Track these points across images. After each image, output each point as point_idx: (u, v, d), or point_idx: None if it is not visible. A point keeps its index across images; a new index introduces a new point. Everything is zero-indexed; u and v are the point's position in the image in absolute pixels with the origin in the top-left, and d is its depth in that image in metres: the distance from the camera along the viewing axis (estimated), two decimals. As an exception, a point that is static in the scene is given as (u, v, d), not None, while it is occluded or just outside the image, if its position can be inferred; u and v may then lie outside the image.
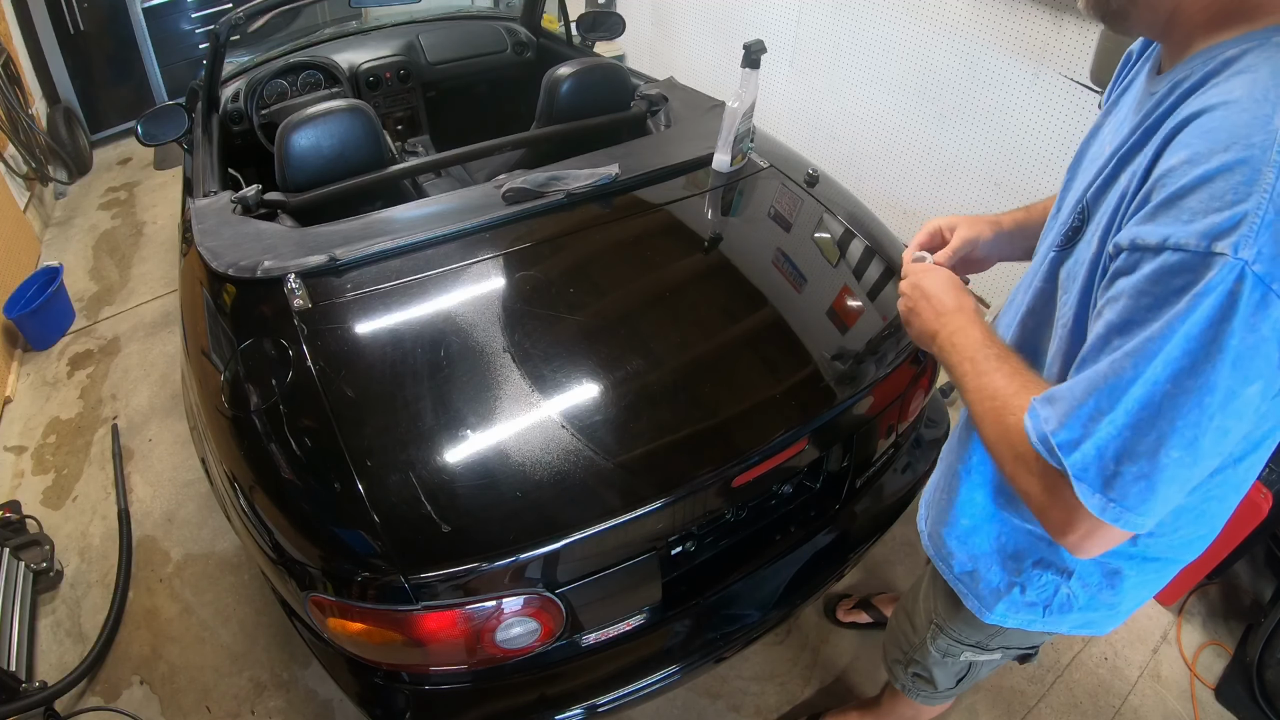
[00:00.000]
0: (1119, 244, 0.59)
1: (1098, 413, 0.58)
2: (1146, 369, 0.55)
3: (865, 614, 1.89)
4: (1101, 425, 0.58)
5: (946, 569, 1.03)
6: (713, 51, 3.61)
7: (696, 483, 1.13)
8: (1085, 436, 0.59)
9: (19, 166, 3.44)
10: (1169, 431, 0.56)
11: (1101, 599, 0.90)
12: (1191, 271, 0.53)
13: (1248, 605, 1.96)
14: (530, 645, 1.14)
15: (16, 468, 2.33)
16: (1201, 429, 0.55)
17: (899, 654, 1.28)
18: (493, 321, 1.31)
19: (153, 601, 1.94)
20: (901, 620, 1.27)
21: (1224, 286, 0.52)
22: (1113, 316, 0.59)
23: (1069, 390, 0.61)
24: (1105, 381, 0.58)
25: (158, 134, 2.00)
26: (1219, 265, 0.52)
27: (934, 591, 1.14)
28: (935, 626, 1.14)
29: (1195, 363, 0.54)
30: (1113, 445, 0.58)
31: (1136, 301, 0.56)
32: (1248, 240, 0.51)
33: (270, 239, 1.47)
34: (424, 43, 2.78)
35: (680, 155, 1.72)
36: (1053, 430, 0.61)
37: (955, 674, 1.21)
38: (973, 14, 2.38)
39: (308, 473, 1.13)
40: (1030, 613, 0.95)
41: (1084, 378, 0.60)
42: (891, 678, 1.33)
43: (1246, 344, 0.53)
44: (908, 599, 1.27)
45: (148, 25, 4.07)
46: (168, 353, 2.76)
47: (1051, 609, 0.93)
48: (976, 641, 1.10)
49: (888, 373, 1.38)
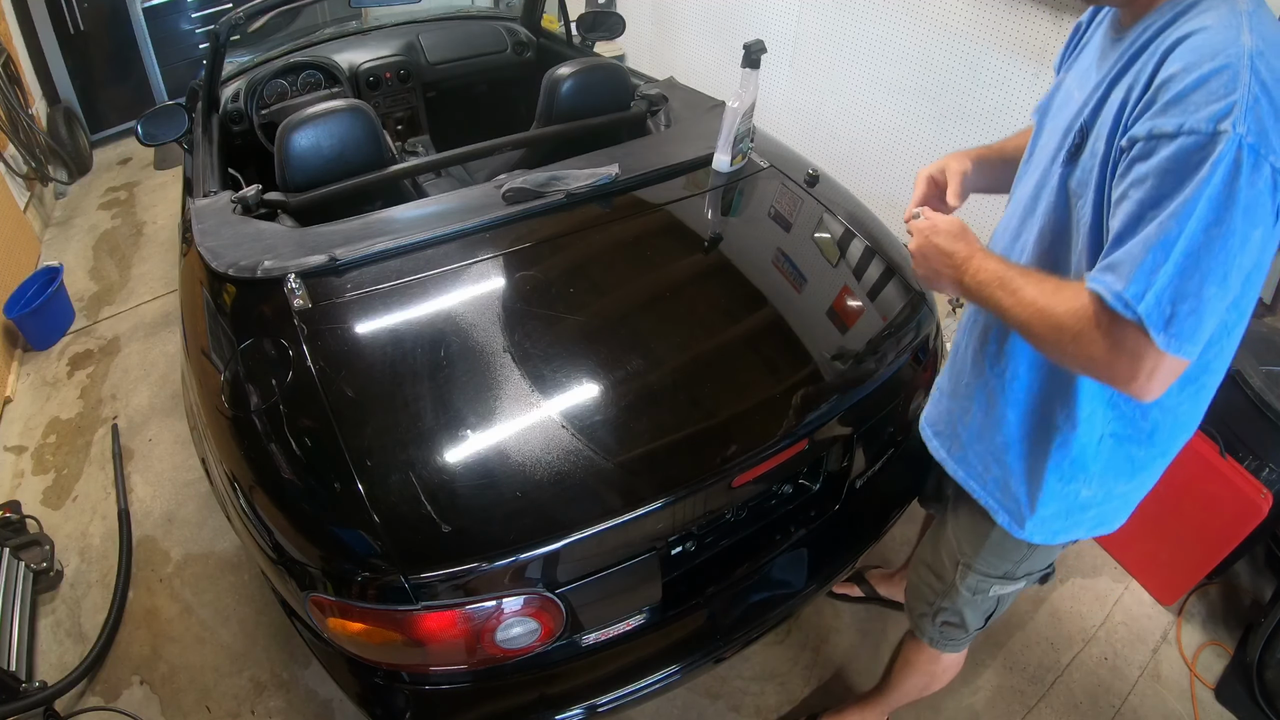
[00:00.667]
0: (1134, 136, 0.75)
1: (1155, 266, 0.72)
2: (1187, 225, 0.70)
3: (857, 588, 1.91)
4: (1159, 275, 0.72)
5: (979, 487, 1.11)
6: (713, 51, 3.61)
7: (696, 483, 1.13)
8: (1149, 286, 0.72)
9: (19, 166, 3.44)
10: (1207, 272, 0.71)
11: (1116, 490, 1.03)
12: (1204, 148, 0.69)
13: (1248, 605, 1.96)
14: (530, 645, 1.14)
15: (16, 468, 2.34)
16: (1228, 266, 0.72)
17: (925, 607, 1.31)
18: (493, 321, 1.31)
19: (153, 601, 1.94)
20: (924, 574, 1.31)
21: (1230, 155, 0.69)
22: (1142, 195, 0.73)
23: (1126, 255, 0.74)
24: (1156, 241, 0.72)
25: (158, 134, 2.00)
26: (1224, 140, 0.69)
27: (955, 534, 1.21)
28: (963, 566, 1.20)
29: (1219, 215, 0.70)
30: (1169, 290, 0.72)
31: (1163, 179, 0.72)
32: (1240, 120, 0.68)
33: (270, 239, 1.47)
34: (424, 43, 2.78)
35: (680, 155, 1.72)
36: (1124, 288, 0.73)
37: (984, 612, 1.26)
38: (973, 14, 2.38)
39: (308, 473, 1.13)
40: (1055, 522, 1.06)
41: (1137, 242, 0.73)
42: (919, 634, 1.35)
43: (1250, 196, 0.70)
44: (924, 554, 1.32)
45: (148, 25, 4.07)
46: (168, 353, 2.76)
47: (1074, 511, 1.05)
48: (1004, 572, 1.17)
49: (888, 373, 1.39)
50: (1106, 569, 2.03)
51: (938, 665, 1.40)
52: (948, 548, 1.23)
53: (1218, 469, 1.69)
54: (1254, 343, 1.81)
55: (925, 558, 1.31)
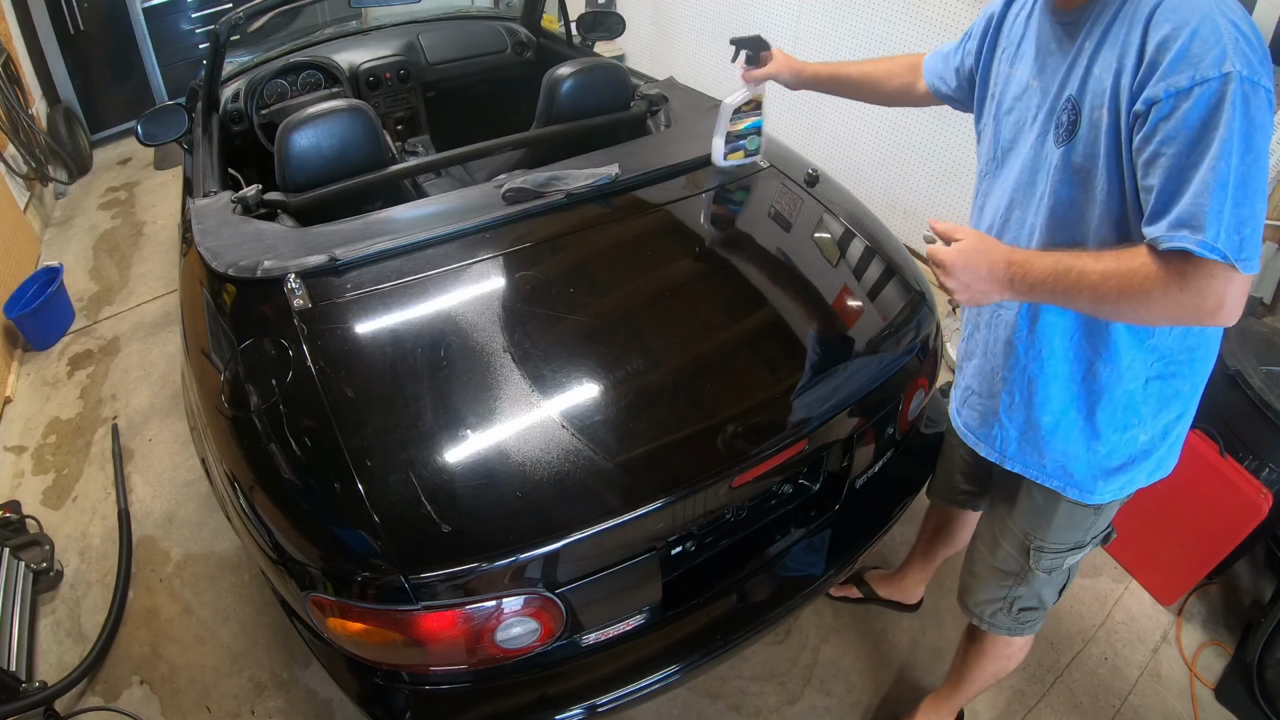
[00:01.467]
0: (1151, 98, 0.82)
1: (1220, 206, 0.79)
2: (1231, 160, 0.78)
3: (856, 589, 1.91)
4: (1225, 212, 0.79)
5: (1039, 473, 1.14)
6: (713, 51, 3.60)
7: (696, 483, 1.13)
8: (1221, 225, 0.79)
9: (19, 166, 3.44)
10: (1255, 192, 0.80)
11: (1168, 427, 1.08)
12: (1219, 92, 0.78)
13: (1248, 605, 1.96)
14: (530, 645, 1.14)
15: (16, 468, 2.34)
16: (1262, 180, 0.81)
17: (999, 602, 1.31)
18: (493, 321, 1.31)
19: (153, 601, 1.94)
20: (985, 575, 1.31)
21: (1237, 89, 0.78)
22: (1179, 148, 0.80)
23: (1196, 205, 0.79)
24: (1214, 184, 0.79)
25: (158, 134, 2.00)
26: (1232, 79, 0.78)
27: (1019, 522, 1.22)
28: (1035, 550, 1.21)
29: (1249, 143, 0.79)
30: (1234, 220, 0.79)
31: (1195, 129, 0.79)
32: (1234, 59, 0.78)
33: (270, 239, 1.47)
34: (424, 43, 2.78)
35: (680, 155, 1.72)
36: (1205, 236, 0.79)
37: (1058, 586, 1.28)
38: (973, 14, 2.38)
39: (308, 473, 1.13)
40: (1120, 477, 1.10)
41: (1198, 191, 0.79)
42: (993, 629, 1.34)
43: (1261, 117, 0.80)
44: (979, 551, 1.33)
45: (148, 25, 4.07)
46: (168, 353, 2.76)
47: (1135, 459, 1.09)
48: (1075, 541, 1.20)
49: (888, 373, 1.39)
50: (1106, 569, 2.03)
51: (1013, 648, 1.39)
52: (1011, 538, 1.24)
53: (1217, 469, 1.69)
54: (1254, 343, 1.80)
55: (983, 557, 1.31)
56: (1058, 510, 1.16)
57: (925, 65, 1.33)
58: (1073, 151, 0.94)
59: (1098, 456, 1.08)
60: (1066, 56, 0.95)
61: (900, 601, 1.89)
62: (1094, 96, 0.90)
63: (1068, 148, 0.94)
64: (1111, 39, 0.88)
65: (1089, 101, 0.91)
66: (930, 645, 1.86)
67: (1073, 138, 0.93)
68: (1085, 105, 0.91)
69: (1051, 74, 0.97)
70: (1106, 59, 0.88)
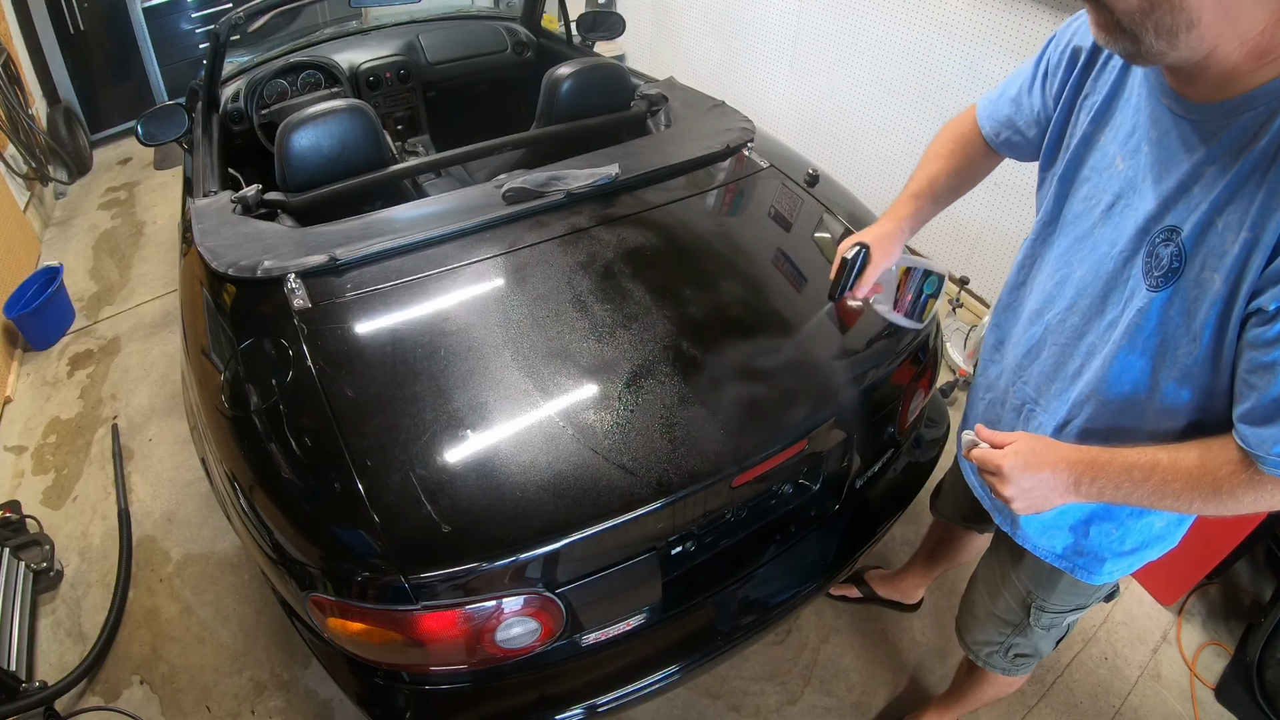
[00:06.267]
0: None
1: None
2: None
3: (856, 589, 1.91)
4: None
5: (1049, 553, 1.10)
6: (713, 51, 3.61)
7: (696, 483, 1.13)
8: None
9: (19, 166, 3.44)
10: None
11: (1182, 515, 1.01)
12: None
13: (1248, 605, 1.96)
14: (530, 645, 1.14)
15: (16, 468, 2.34)
16: None
17: (995, 646, 1.30)
18: (493, 321, 1.31)
19: (153, 601, 1.94)
20: (984, 618, 1.29)
21: None
22: None
23: None
24: None
25: (158, 134, 2.00)
26: None
27: (1019, 577, 1.19)
28: (1036, 609, 1.18)
29: None
30: None
31: None
32: None
33: (270, 239, 1.47)
34: (424, 43, 2.78)
35: (680, 155, 1.72)
36: None
37: (1056, 638, 1.26)
38: (973, 14, 2.38)
39: (308, 473, 1.13)
40: (1131, 558, 1.05)
41: None
42: (988, 667, 1.34)
43: None
44: (980, 594, 1.30)
45: (148, 25, 4.07)
46: (168, 353, 2.76)
47: (1147, 543, 1.04)
48: (1078, 604, 1.17)
49: (888, 373, 1.39)
50: (1106, 569, 2.04)
51: (1010, 679, 1.40)
52: (1013, 592, 1.20)
53: (1218, 469, 1.69)
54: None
55: (984, 601, 1.28)
56: (1062, 579, 1.12)
57: (986, 119, 1.13)
58: (1169, 305, 0.78)
59: (1110, 540, 1.03)
60: (1178, 166, 0.76)
61: (900, 601, 1.89)
62: (1210, 257, 0.73)
63: (1164, 295, 0.78)
64: (1248, 191, 0.69)
65: (1201, 259, 0.74)
66: (930, 645, 1.86)
67: (1171, 284, 0.77)
68: (1195, 257, 0.74)
69: (1152, 174, 0.79)
70: (1237, 216, 0.70)
